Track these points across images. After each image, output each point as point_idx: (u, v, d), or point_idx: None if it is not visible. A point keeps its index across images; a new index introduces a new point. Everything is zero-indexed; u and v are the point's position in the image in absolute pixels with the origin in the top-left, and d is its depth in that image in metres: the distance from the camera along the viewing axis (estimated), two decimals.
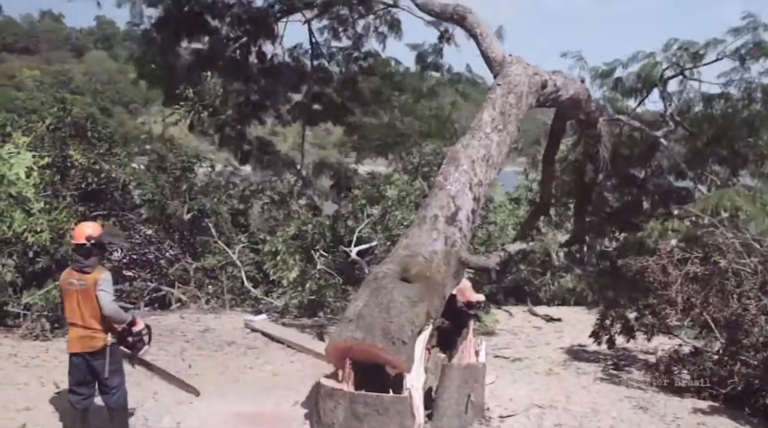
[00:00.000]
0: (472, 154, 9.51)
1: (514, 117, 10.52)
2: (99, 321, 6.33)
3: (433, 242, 8.24)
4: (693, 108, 16.22)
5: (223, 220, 16.06)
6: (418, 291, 7.36)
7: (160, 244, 14.96)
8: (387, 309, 7.00)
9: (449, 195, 8.88)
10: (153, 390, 8.27)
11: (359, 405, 6.45)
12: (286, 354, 10.48)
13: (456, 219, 8.65)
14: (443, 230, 8.44)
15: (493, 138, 9.92)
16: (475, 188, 9.21)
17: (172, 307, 14.08)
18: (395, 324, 6.86)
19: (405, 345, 6.78)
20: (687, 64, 15.60)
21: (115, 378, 6.47)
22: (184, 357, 10.02)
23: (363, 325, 6.87)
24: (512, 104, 10.58)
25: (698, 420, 7.74)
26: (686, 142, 16.12)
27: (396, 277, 7.53)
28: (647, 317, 9.50)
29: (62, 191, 13.58)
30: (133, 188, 15.43)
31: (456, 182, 9.06)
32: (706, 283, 9.12)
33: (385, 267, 7.80)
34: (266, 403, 7.96)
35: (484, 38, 13.23)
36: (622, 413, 7.89)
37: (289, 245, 14.23)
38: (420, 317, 7.13)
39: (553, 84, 12.01)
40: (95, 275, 6.36)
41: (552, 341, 11.96)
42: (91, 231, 6.50)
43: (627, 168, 16.50)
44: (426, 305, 7.28)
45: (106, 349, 6.34)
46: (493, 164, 9.77)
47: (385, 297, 7.16)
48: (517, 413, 7.80)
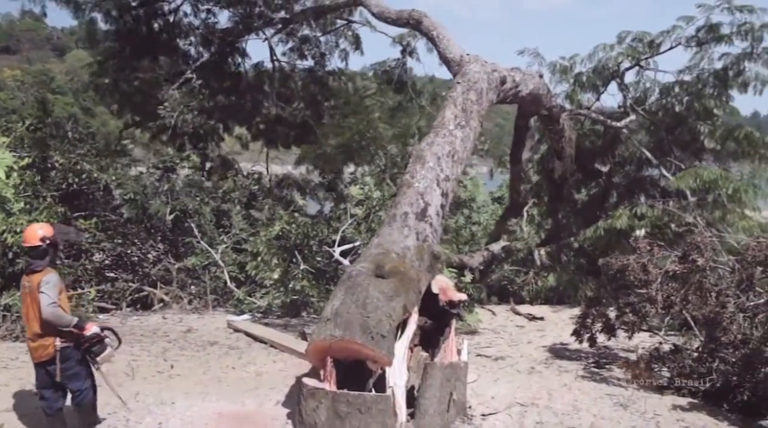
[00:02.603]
0: (437, 151, 9.79)
1: (476, 113, 10.83)
2: (43, 324, 6.16)
3: (404, 239, 8.45)
4: (649, 98, 16.67)
5: (206, 220, 16.01)
6: (393, 286, 7.45)
7: (142, 244, 14.88)
8: (363, 305, 7.06)
9: (417, 192, 9.11)
10: (135, 390, 8.23)
11: (341, 404, 6.46)
12: (268, 354, 10.47)
13: (426, 215, 8.89)
14: (414, 226, 8.66)
15: (456, 134, 10.23)
16: (443, 184, 9.48)
17: (154, 307, 14.02)
18: (372, 318, 6.92)
19: (384, 338, 6.84)
20: (643, 54, 16.03)
21: (73, 382, 6.36)
22: (166, 357, 9.99)
23: (341, 323, 6.91)
24: (473, 101, 10.90)
25: (677, 417, 7.81)
26: (648, 131, 16.43)
27: (370, 274, 7.60)
28: (628, 315, 9.56)
29: (43, 191, 13.51)
30: (114, 187, 15.35)
31: (423, 179, 9.32)
32: (685, 281, 9.21)
33: (358, 266, 7.87)
34: (249, 403, 7.94)
35: (441, 40, 13.77)
36: (603, 410, 7.95)
37: (271, 246, 14.21)
38: (397, 311, 7.21)
39: (512, 80, 12.40)
40: (39, 277, 6.21)
41: (534, 339, 12.02)
42: (43, 232, 6.38)
43: (591, 162, 16.81)
44: (402, 299, 7.36)
45: (56, 354, 6.20)
46: (459, 160, 10.05)
47: (361, 294, 7.22)
48: (498, 411, 7.83)
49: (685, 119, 15.88)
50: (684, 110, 15.94)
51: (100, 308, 13.11)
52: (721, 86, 15.66)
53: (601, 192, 16.94)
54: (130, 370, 9.16)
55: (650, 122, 16.38)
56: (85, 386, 6.46)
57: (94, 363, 6.46)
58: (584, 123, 17.12)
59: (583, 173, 16.86)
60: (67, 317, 6.25)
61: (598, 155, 16.89)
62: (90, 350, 6.39)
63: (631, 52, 16.17)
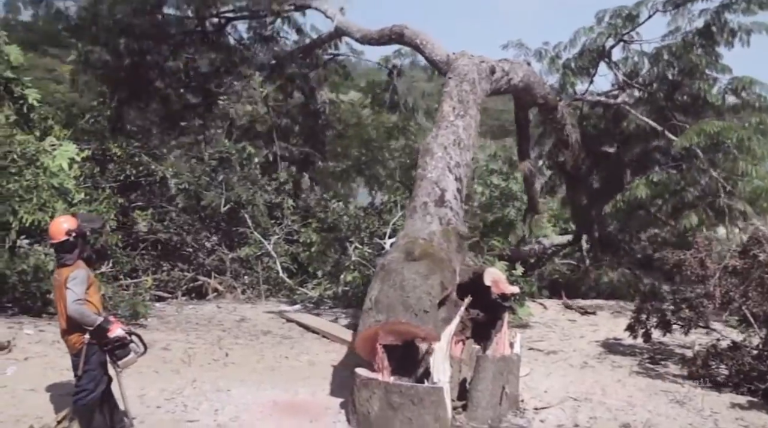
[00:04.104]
0: (443, 141, 10.22)
1: (473, 102, 11.30)
2: (69, 320, 6.03)
3: (428, 225, 8.78)
4: (641, 70, 16.55)
5: (259, 211, 16.21)
6: (427, 266, 7.67)
7: (197, 235, 15.17)
8: (401, 287, 7.29)
9: (432, 181, 9.50)
10: (192, 377, 8.41)
11: (394, 395, 6.50)
12: (321, 343, 10.59)
13: (444, 200, 9.30)
14: (435, 212, 9.02)
15: (458, 124, 10.67)
16: (455, 170, 9.87)
17: (208, 297, 14.30)
18: (412, 297, 7.16)
19: (427, 313, 7.05)
20: (624, 29, 16.01)
21: (88, 380, 6.11)
22: (221, 346, 10.18)
23: (382, 308, 7.11)
24: (468, 91, 11.38)
25: (736, 415, 7.65)
26: (646, 102, 16.18)
27: (402, 260, 7.80)
28: (684, 311, 9.39)
29: (102, 183, 13.86)
30: (170, 177, 15.66)
31: (435, 169, 9.72)
32: (746, 277, 8.99)
33: (389, 256, 8.14)
34: (302, 392, 8.05)
35: (425, 45, 14.43)
36: (659, 407, 7.83)
37: (324, 237, 14.34)
38: (435, 288, 7.40)
39: (501, 69, 12.87)
40: (68, 271, 6.03)
41: (587, 334, 11.88)
42: (68, 225, 6.18)
43: (599, 146, 16.67)
44: (438, 277, 7.56)
45: (82, 348, 6.03)
46: (465, 147, 10.51)
47: (397, 278, 7.43)
48: (551, 405, 7.79)
49: (679, 84, 15.73)
50: (677, 74, 15.74)
51: (157, 296, 13.43)
52: (708, 44, 15.39)
53: (615, 173, 16.69)
54: (187, 357, 9.35)
55: (648, 93, 16.14)
56: (91, 387, 6.12)
57: (116, 366, 6.22)
58: (583, 109, 17.02)
59: (593, 158, 16.71)
60: (92, 316, 6.01)
61: (604, 137, 16.89)
62: (113, 352, 6.14)
63: (611, 29, 16.09)
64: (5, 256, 10.69)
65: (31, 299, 10.81)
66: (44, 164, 11.26)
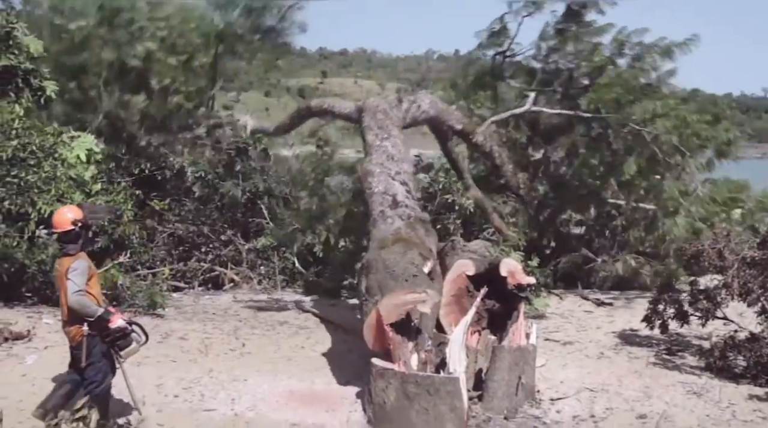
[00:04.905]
0: (378, 160, 11.15)
1: (392, 124, 12.26)
2: (69, 311, 6.00)
3: (391, 225, 9.46)
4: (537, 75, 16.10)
5: (276, 202, 16.25)
6: (401, 247, 8.55)
7: (213, 225, 15.23)
8: (385, 268, 7.98)
9: (381, 193, 10.34)
10: (209, 367, 8.49)
11: (410, 385, 6.52)
12: (337, 334, 10.62)
13: (398, 202, 10.05)
14: (393, 214, 9.78)
15: (386, 144, 11.59)
16: (397, 177, 10.75)
17: (225, 287, 14.37)
18: (398, 270, 7.84)
19: (416, 276, 7.70)
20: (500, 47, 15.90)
21: (90, 371, 6.09)
22: (238, 336, 10.25)
23: (374, 291, 7.69)
24: (383, 118, 12.39)
25: (754, 407, 7.60)
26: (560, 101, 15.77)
27: (377, 251, 8.62)
28: (702, 302, 9.33)
29: (117, 178, 13.97)
30: (188, 166, 15.71)
31: (379, 183, 10.59)
32: (764, 268, 8.91)
33: (366, 256, 8.93)
34: (318, 382, 8.10)
35: (333, 107, 15.26)
36: (676, 398, 7.80)
37: (339, 227, 14.38)
38: (416, 258, 8.29)
39: (407, 100, 13.78)
40: (69, 262, 5.98)
41: (603, 325, 11.82)
42: (73, 215, 6.14)
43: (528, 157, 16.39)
44: (415, 251, 8.50)
45: (83, 340, 6.00)
46: (399, 159, 11.28)
47: (378, 265, 8.13)
48: (568, 396, 7.78)
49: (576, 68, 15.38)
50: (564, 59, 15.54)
51: (174, 286, 13.52)
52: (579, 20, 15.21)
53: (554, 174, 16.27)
54: (204, 347, 9.43)
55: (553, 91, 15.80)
56: (99, 379, 6.11)
57: (118, 356, 6.21)
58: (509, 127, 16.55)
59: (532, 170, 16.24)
60: (93, 306, 5.97)
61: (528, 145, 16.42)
62: (114, 343, 6.13)
63: (492, 48, 16.01)
64: (24, 246, 10.80)
65: (50, 288, 10.91)
66: (62, 156, 11.36)
